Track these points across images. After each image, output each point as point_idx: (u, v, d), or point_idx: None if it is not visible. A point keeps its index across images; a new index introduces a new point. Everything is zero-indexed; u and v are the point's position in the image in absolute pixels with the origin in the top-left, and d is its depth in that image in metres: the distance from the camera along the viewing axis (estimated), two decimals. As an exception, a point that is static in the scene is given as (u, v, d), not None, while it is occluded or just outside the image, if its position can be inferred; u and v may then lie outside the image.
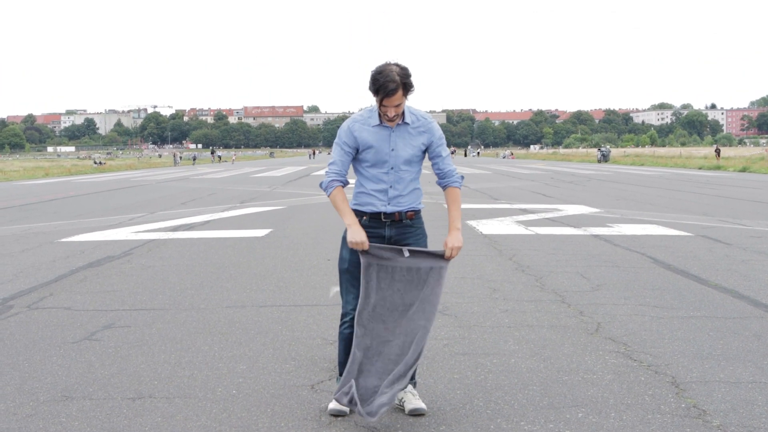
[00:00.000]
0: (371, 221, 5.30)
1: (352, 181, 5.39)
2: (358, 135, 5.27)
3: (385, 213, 5.28)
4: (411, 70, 5.17)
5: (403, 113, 5.27)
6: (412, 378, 5.47)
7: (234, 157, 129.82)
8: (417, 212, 5.40)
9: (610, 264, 11.45)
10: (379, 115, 5.25)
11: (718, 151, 73.77)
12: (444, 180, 5.43)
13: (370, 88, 5.13)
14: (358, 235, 5.16)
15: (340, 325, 5.45)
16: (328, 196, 5.31)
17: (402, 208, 5.32)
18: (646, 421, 5.12)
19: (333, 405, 5.32)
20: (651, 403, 5.48)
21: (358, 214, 5.32)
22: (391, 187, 5.28)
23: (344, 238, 5.39)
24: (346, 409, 5.30)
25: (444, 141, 5.41)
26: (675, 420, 5.14)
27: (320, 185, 5.39)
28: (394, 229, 5.32)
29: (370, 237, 5.28)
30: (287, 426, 5.14)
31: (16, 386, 6.04)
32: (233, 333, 7.61)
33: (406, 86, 5.10)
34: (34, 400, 5.70)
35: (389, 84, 5.04)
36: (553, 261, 11.77)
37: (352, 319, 5.37)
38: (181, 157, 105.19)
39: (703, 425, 5.04)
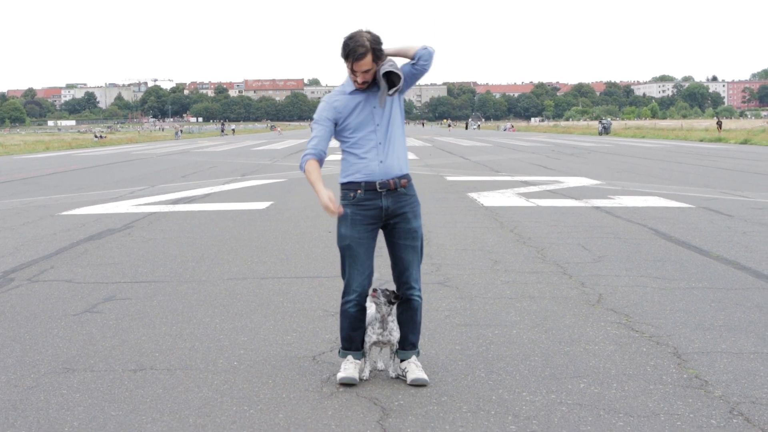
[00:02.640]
0: (367, 193, 5.25)
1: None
2: (338, 104, 5.28)
3: (381, 182, 5.25)
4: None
5: (374, 79, 5.24)
6: (415, 347, 5.47)
7: (280, 130, 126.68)
8: (409, 179, 5.37)
9: (611, 236, 11.43)
10: (355, 82, 5.24)
11: (719, 124, 73.51)
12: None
13: (341, 54, 5.14)
14: (334, 209, 5.15)
15: (344, 304, 5.40)
16: (303, 169, 5.29)
17: (395, 173, 5.28)
18: (647, 392, 5.11)
19: (342, 374, 5.33)
20: (653, 373, 5.48)
21: (353, 187, 5.26)
22: (380, 143, 5.26)
23: (340, 215, 5.35)
24: (356, 377, 5.30)
25: None
26: (677, 390, 5.13)
27: (300, 167, 5.39)
28: (390, 199, 5.27)
29: (368, 209, 5.25)
30: (289, 397, 5.14)
31: (17, 358, 6.04)
32: (234, 305, 7.61)
33: (376, 52, 5.09)
34: (35, 372, 5.70)
35: (358, 48, 5.05)
36: (555, 233, 11.75)
37: (359, 295, 5.34)
38: (181, 131, 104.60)
39: (705, 396, 5.04)
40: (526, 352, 6.02)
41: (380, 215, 5.29)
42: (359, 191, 5.25)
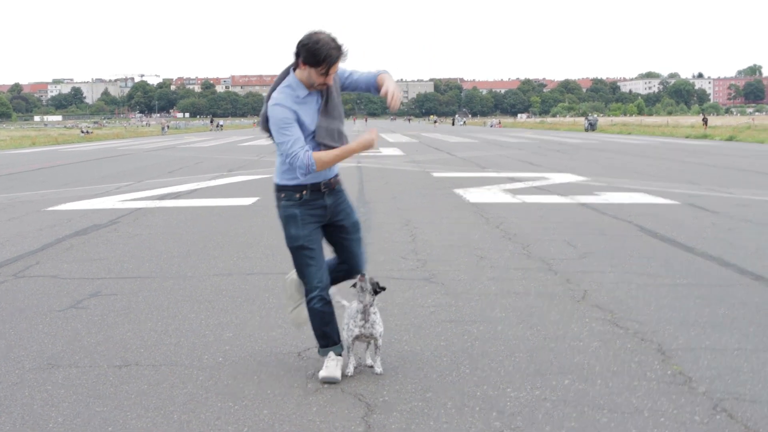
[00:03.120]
0: (312, 194, 5.27)
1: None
2: (297, 109, 5.12)
3: (324, 182, 5.30)
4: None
5: None
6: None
7: None
8: (338, 177, 5.50)
9: (597, 232, 11.46)
10: (304, 85, 5.13)
11: (705, 120, 73.74)
12: (370, 74, 5.42)
13: (307, 60, 4.97)
14: (371, 134, 5.19)
15: (308, 302, 5.40)
16: (315, 166, 5.09)
17: (334, 173, 5.39)
18: (632, 388, 5.13)
19: (324, 372, 5.32)
20: (637, 369, 5.50)
21: (298, 189, 5.23)
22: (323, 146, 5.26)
23: (287, 217, 5.31)
24: (338, 375, 5.30)
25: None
26: (661, 386, 5.16)
27: (299, 173, 5.13)
28: (331, 198, 5.37)
29: (314, 208, 5.30)
30: (274, 393, 5.14)
31: (1, 354, 6.03)
32: (220, 301, 7.60)
33: (341, 50, 5.03)
34: (20, 368, 5.69)
35: (333, 52, 4.96)
36: (540, 229, 11.77)
37: (321, 290, 5.35)
38: (168, 126, 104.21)
39: (689, 392, 5.06)
40: (511, 348, 6.03)
41: (325, 213, 5.36)
42: (305, 192, 5.26)
